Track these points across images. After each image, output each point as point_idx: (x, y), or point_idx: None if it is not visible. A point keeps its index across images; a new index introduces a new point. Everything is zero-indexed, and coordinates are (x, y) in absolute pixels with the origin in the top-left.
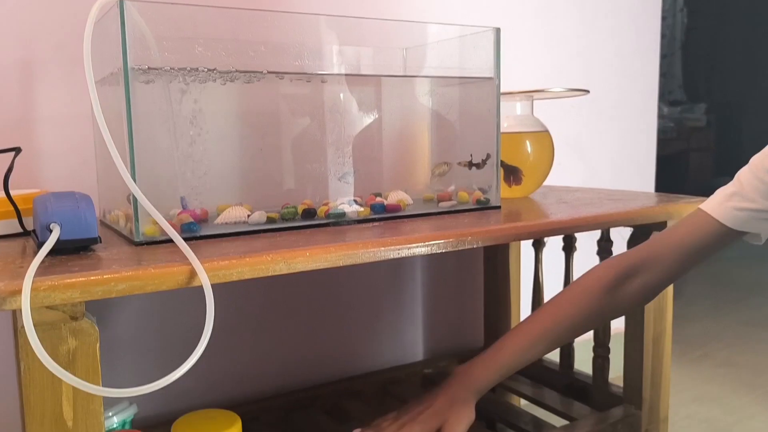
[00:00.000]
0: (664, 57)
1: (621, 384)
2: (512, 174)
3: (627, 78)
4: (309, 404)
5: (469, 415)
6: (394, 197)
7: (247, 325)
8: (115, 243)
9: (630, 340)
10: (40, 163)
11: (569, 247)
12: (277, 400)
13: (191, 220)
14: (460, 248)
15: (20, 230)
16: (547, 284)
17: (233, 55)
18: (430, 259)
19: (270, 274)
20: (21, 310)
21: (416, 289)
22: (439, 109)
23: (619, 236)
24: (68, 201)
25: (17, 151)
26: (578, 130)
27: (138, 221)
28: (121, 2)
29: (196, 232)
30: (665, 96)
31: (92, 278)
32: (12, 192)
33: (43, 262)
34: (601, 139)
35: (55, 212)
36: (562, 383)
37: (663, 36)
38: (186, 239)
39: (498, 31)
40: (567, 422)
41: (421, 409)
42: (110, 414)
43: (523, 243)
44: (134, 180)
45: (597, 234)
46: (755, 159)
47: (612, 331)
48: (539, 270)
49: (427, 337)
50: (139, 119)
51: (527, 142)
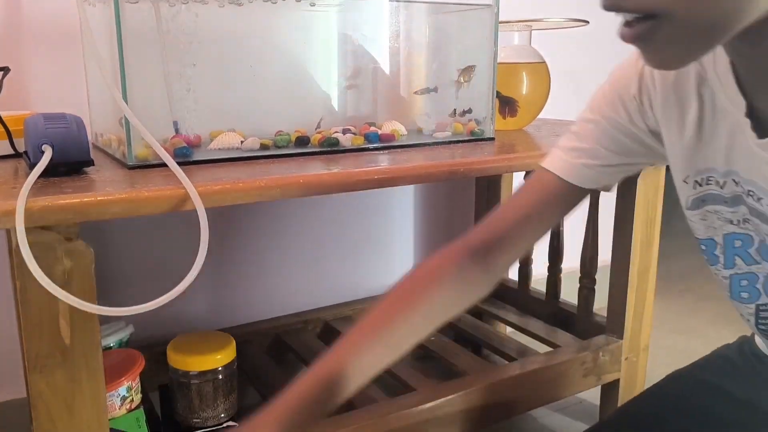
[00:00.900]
0: None
1: (605, 314)
2: (507, 105)
3: None
4: (301, 328)
5: None
6: (388, 127)
7: (240, 251)
8: (107, 166)
9: (616, 272)
10: (29, 84)
11: None
12: (270, 323)
13: (184, 144)
14: (452, 179)
15: (12, 152)
16: None
17: None
18: (423, 189)
19: (264, 200)
20: (15, 230)
21: (407, 219)
22: (436, 38)
23: None
24: (60, 123)
25: (6, 70)
26: (576, 63)
27: (131, 144)
28: None
29: (188, 156)
30: None
31: (86, 200)
32: (2, 113)
33: (36, 183)
34: (598, 72)
35: (48, 133)
36: (547, 312)
37: None
38: (179, 164)
39: None
40: (551, 349)
41: None
42: (106, 334)
43: (515, 175)
44: (126, 102)
45: None
46: (591, 102)
47: (599, 264)
48: None
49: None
50: (129, 40)
51: (524, 73)
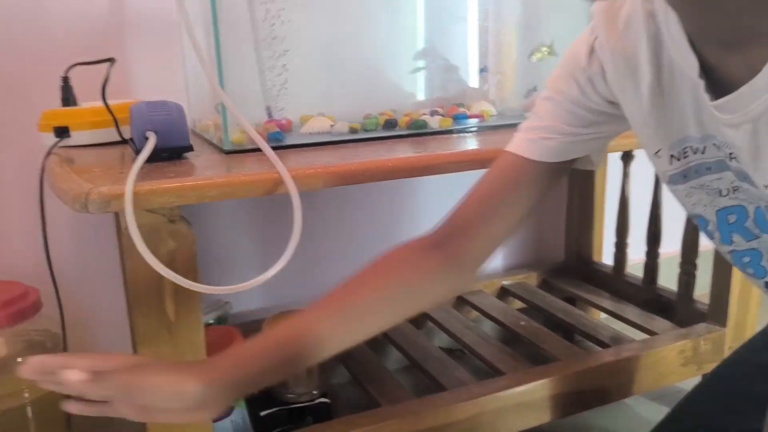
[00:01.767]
0: None
1: (706, 302)
2: None
3: None
4: None
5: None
6: (477, 107)
7: (330, 232)
8: (205, 151)
9: (719, 257)
10: (133, 73)
11: None
12: None
13: (277, 129)
14: None
15: (118, 138)
16: (634, 200)
17: None
18: None
19: (353, 183)
20: (124, 213)
21: None
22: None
23: None
24: (163, 110)
25: (112, 61)
26: None
27: (227, 129)
28: None
29: (281, 141)
30: None
31: (187, 184)
32: (109, 102)
33: (141, 168)
34: None
35: (151, 121)
36: (644, 298)
37: None
38: (272, 148)
39: None
40: (647, 336)
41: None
42: (207, 311)
43: (610, 156)
44: (222, 89)
45: None
46: (547, 81)
47: (700, 248)
48: (627, 185)
49: (506, 250)
50: (225, 28)
51: None
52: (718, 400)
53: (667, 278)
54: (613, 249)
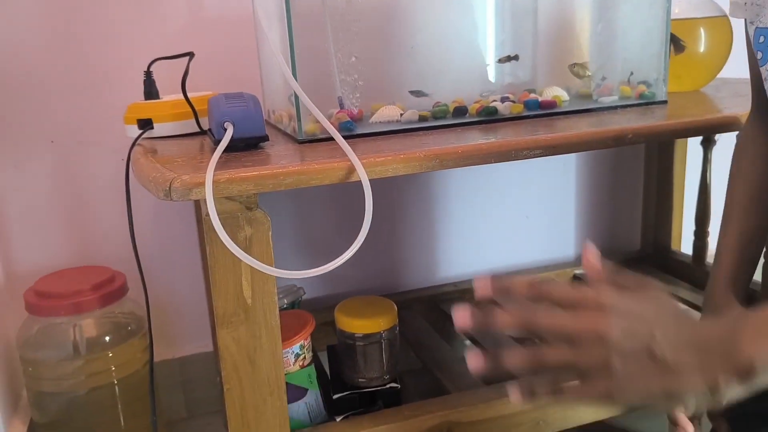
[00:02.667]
0: None
1: None
2: (672, 43)
3: None
4: (459, 297)
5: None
6: (549, 93)
7: (401, 220)
8: (279, 140)
9: None
10: (210, 66)
11: None
12: (428, 291)
13: (348, 118)
14: (620, 146)
15: (197, 129)
16: (716, 188)
17: None
18: (587, 157)
19: (423, 170)
20: (205, 200)
21: (570, 188)
22: None
23: None
24: (239, 101)
25: (191, 55)
26: None
27: (300, 120)
28: None
29: (352, 130)
30: None
31: (264, 172)
32: (189, 94)
33: (219, 157)
34: None
35: (229, 112)
36: None
37: None
38: (344, 137)
39: None
40: None
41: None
42: (281, 296)
43: (690, 141)
44: (296, 80)
45: None
46: None
47: None
48: (707, 171)
49: (579, 237)
50: (297, 20)
51: (701, 29)
52: None
53: None
54: (693, 238)
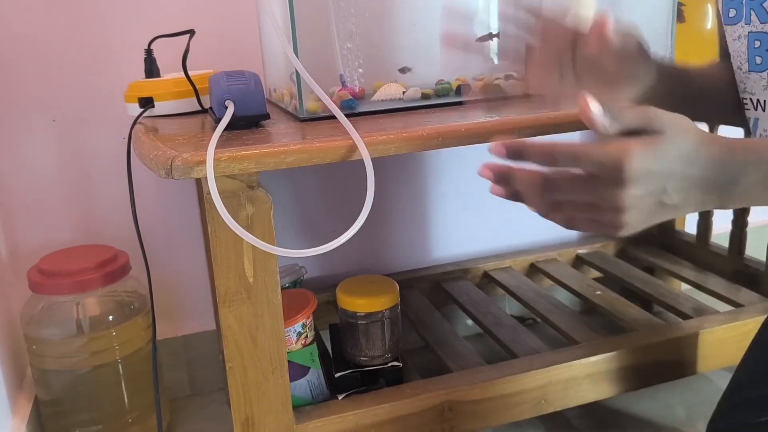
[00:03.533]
0: None
1: None
2: None
3: None
4: (460, 276)
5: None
6: None
7: (403, 199)
8: (281, 119)
9: None
10: (210, 43)
11: None
12: (431, 271)
13: (350, 96)
14: None
15: (198, 108)
16: None
17: None
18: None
19: (426, 149)
20: (206, 179)
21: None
22: None
23: None
24: (240, 79)
25: (191, 33)
26: None
27: (302, 98)
28: None
29: (354, 108)
30: None
31: (265, 150)
32: (190, 73)
33: (221, 136)
34: None
35: (230, 90)
36: (729, 269)
37: None
38: (346, 116)
39: None
40: (732, 308)
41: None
42: (282, 275)
43: None
44: (297, 57)
45: None
46: None
47: None
48: None
49: None
50: None
51: (707, 5)
52: None
53: (756, 249)
54: (697, 217)
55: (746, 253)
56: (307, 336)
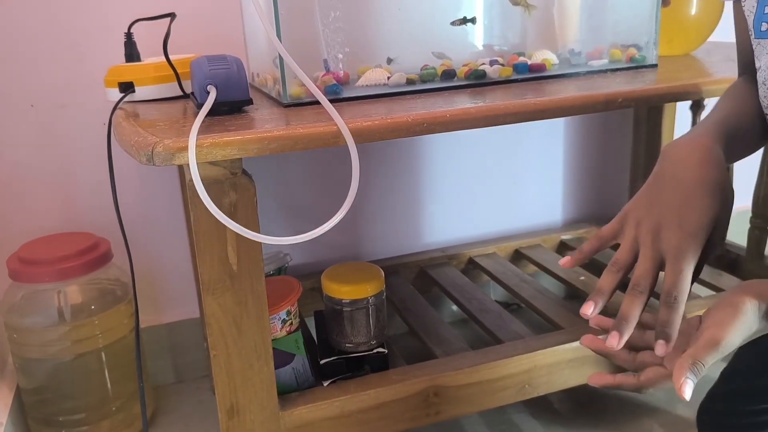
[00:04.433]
0: None
1: None
2: None
3: None
4: (445, 262)
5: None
6: (538, 56)
7: (389, 185)
8: (264, 104)
9: None
10: (193, 27)
11: None
12: (416, 257)
13: (334, 82)
14: (609, 110)
15: (180, 93)
16: None
17: None
18: (575, 122)
19: (411, 135)
20: (188, 165)
21: (558, 153)
22: None
23: None
24: (222, 64)
25: (172, 16)
26: None
27: (285, 83)
28: None
29: (338, 93)
30: None
31: (248, 136)
32: (171, 57)
33: (203, 121)
34: None
35: (212, 75)
36: None
37: None
38: (330, 101)
39: None
40: (714, 293)
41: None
42: (267, 262)
43: (679, 106)
44: (280, 41)
45: None
46: None
47: None
48: None
49: (567, 203)
50: None
51: None
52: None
53: (737, 234)
54: None
55: (727, 238)
56: (292, 323)
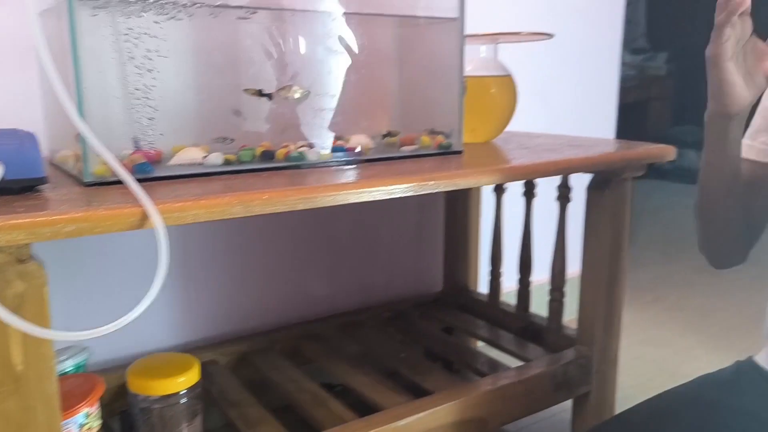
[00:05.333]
0: (629, 4)
1: (575, 327)
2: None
3: (592, 24)
4: (268, 347)
5: None
6: (355, 141)
7: (204, 267)
8: (64, 183)
9: (585, 284)
10: None
11: (529, 193)
12: (235, 344)
13: (144, 160)
14: (422, 192)
15: None
16: (507, 230)
17: None
18: (392, 204)
19: (226, 217)
20: None
21: (378, 234)
22: (401, 50)
23: (579, 183)
24: (11, 139)
25: None
26: (542, 75)
27: (87, 161)
28: None
29: (149, 173)
30: (628, 44)
31: (39, 219)
32: None
33: None
34: (564, 85)
35: None
36: (518, 325)
37: None
38: (139, 180)
39: None
40: (522, 363)
41: None
42: (64, 358)
43: (483, 188)
44: (82, 117)
45: (557, 180)
46: None
47: (568, 276)
48: (500, 215)
49: (388, 280)
50: (86, 54)
51: (490, 86)
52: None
53: (539, 305)
54: (488, 278)
55: (532, 309)
56: (91, 427)
